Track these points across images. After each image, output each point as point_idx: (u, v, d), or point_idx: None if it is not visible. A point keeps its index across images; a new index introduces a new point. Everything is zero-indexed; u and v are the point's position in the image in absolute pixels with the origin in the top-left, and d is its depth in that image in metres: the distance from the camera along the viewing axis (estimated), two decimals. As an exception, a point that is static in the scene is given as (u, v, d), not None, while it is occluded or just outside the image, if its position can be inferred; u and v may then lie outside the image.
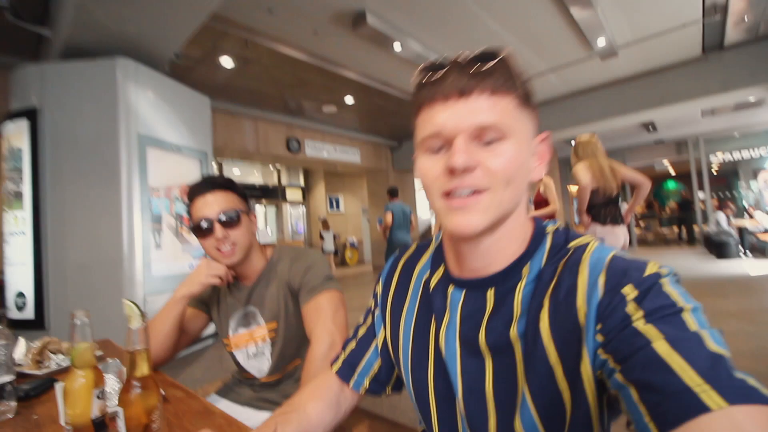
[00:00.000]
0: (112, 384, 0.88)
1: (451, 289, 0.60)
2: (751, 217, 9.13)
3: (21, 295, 3.23)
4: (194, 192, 1.12)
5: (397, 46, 4.94)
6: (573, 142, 3.32)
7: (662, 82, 6.47)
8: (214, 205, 1.09)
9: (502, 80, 0.49)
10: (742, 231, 7.90)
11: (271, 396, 1.15)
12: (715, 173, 12.87)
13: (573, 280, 0.48)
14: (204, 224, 1.08)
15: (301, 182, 12.91)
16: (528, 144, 0.53)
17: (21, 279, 3.23)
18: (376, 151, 10.15)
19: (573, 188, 12.46)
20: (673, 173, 16.31)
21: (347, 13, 4.34)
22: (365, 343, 0.75)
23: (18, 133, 3.27)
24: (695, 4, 4.64)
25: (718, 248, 7.74)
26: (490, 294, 0.55)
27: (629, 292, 0.44)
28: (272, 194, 12.05)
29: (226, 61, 5.34)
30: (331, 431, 0.72)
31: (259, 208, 11.89)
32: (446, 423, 0.59)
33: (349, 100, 7.28)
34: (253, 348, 1.18)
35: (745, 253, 7.74)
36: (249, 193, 11.26)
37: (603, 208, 2.96)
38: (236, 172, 11.38)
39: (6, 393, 0.86)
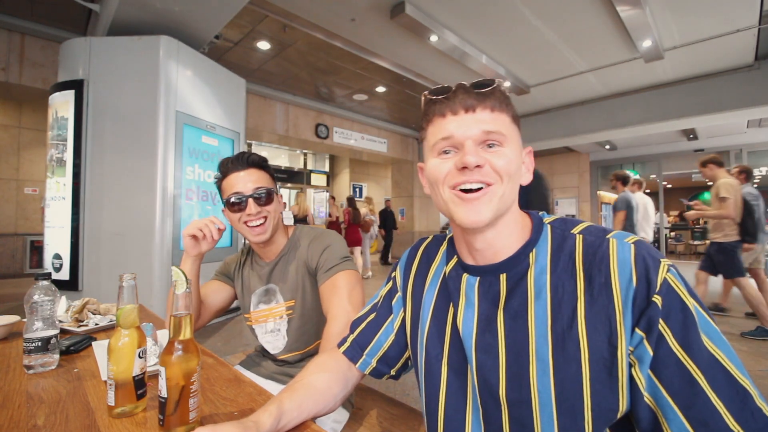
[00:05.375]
0: (149, 346, 0.92)
1: (465, 276, 0.67)
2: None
3: (58, 256, 3.41)
4: (229, 167, 1.14)
5: (433, 38, 4.88)
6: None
7: (709, 89, 6.17)
8: (248, 182, 1.11)
9: (498, 101, 0.61)
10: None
11: (293, 372, 1.18)
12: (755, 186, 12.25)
13: (606, 277, 0.56)
14: (237, 199, 1.10)
15: (327, 168, 13.00)
16: (520, 152, 0.64)
17: (59, 241, 3.41)
18: (403, 142, 10.12)
19: (605, 194, 12.12)
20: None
21: (386, 1, 4.31)
22: (376, 323, 0.80)
23: (64, 103, 3.41)
24: (753, 8, 4.40)
25: (752, 266, 7.40)
26: (503, 279, 0.63)
27: (658, 301, 0.52)
28: (297, 178, 12.18)
29: (263, 45, 5.40)
30: (340, 403, 0.77)
31: (284, 192, 12.05)
32: (454, 394, 0.66)
33: (380, 89, 7.26)
34: (271, 324, 1.21)
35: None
36: (275, 176, 11.42)
37: None
38: (264, 154, 11.53)
39: (51, 346, 0.92)
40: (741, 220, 3.60)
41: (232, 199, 1.11)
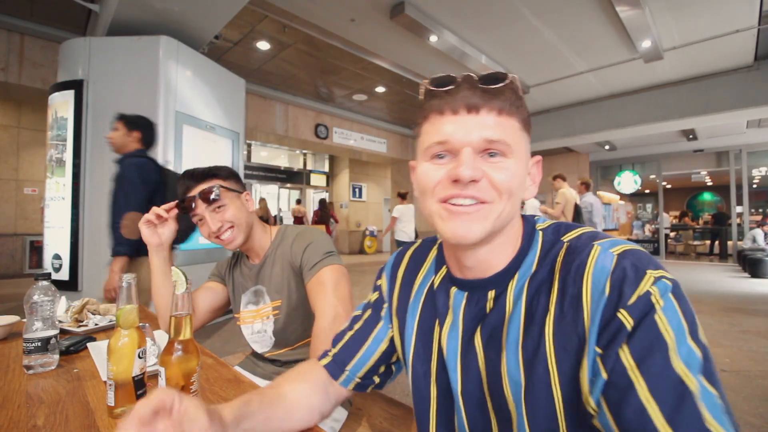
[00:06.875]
0: (148, 346, 0.92)
1: (453, 290, 0.61)
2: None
3: (57, 257, 3.40)
4: (180, 189, 1.13)
5: (433, 38, 4.89)
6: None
7: (708, 89, 6.19)
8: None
9: (508, 103, 0.52)
10: (779, 249, 7.59)
11: (291, 373, 1.18)
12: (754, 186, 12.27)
13: (578, 289, 0.48)
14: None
15: (326, 168, 13.00)
16: (525, 164, 0.55)
17: (58, 242, 3.40)
18: (402, 142, 10.12)
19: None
20: (710, 184, 15.66)
21: (386, 2, 4.32)
22: (361, 336, 0.74)
23: (64, 103, 3.41)
24: (752, 9, 4.40)
25: (752, 265, 7.42)
26: (491, 295, 0.56)
27: (626, 318, 0.43)
28: (297, 178, 12.18)
29: (263, 45, 5.40)
30: (325, 413, 0.71)
31: (283, 192, 12.06)
32: (443, 417, 0.61)
33: (379, 89, 7.26)
34: (258, 325, 1.21)
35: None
36: (274, 176, 11.43)
37: None
38: (263, 154, 11.55)
39: (50, 346, 0.92)
40: (573, 220, 4.77)
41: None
